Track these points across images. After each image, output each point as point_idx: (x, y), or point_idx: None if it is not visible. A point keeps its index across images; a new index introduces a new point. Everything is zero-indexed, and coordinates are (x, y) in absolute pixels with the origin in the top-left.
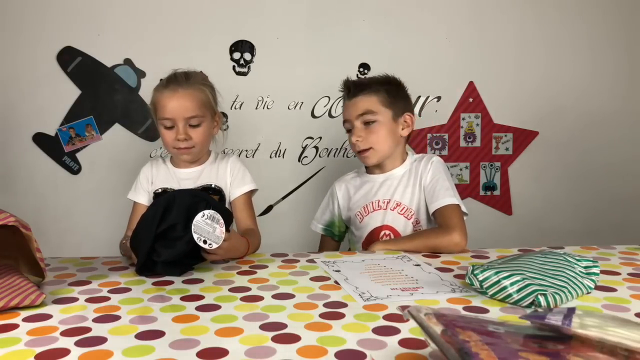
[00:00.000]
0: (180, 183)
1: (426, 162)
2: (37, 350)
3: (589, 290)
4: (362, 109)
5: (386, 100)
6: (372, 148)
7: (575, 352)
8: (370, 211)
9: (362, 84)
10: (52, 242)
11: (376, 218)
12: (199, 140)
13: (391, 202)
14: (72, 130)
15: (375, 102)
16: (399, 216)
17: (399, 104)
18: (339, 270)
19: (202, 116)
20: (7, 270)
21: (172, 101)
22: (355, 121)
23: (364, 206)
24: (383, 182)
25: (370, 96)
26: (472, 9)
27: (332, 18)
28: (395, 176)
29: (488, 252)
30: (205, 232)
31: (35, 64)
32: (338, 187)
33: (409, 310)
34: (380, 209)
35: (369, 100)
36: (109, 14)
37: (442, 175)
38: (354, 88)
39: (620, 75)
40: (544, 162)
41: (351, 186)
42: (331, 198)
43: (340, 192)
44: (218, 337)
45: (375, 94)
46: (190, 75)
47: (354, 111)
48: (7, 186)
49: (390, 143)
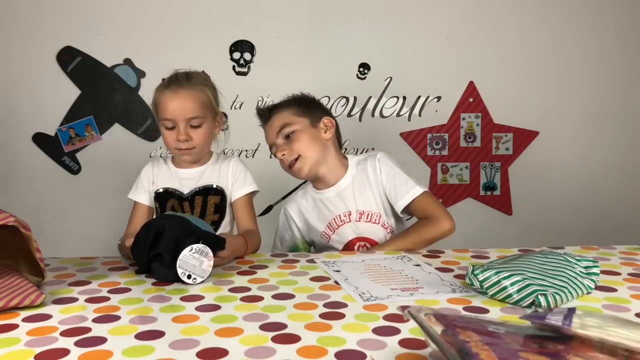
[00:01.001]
0: (182, 183)
1: (373, 161)
2: (37, 350)
3: (589, 291)
4: (279, 126)
5: (299, 111)
6: (300, 156)
7: (575, 352)
8: (335, 228)
9: (274, 106)
10: (52, 242)
11: (345, 233)
12: (199, 141)
13: (354, 214)
14: (72, 130)
15: (289, 114)
16: (367, 224)
17: (314, 111)
18: (339, 270)
19: (203, 117)
20: (7, 270)
21: (173, 102)
22: (277, 139)
23: (327, 225)
24: (336, 195)
25: (282, 112)
26: (472, 9)
27: (332, 18)
28: (345, 186)
29: (488, 252)
30: (191, 266)
31: (35, 64)
32: (291, 210)
33: (409, 310)
34: (344, 223)
35: (282, 116)
36: (109, 14)
37: (396, 169)
38: (267, 112)
39: (620, 75)
40: (544, 162)
41: (303, 207)
42: (287, 223)
43: (295, 215)
44: (218, 337)
45: (286, 108)
46: (192, 76)
47: (272, 131)
48: (7, 186)
49: (317, 148)
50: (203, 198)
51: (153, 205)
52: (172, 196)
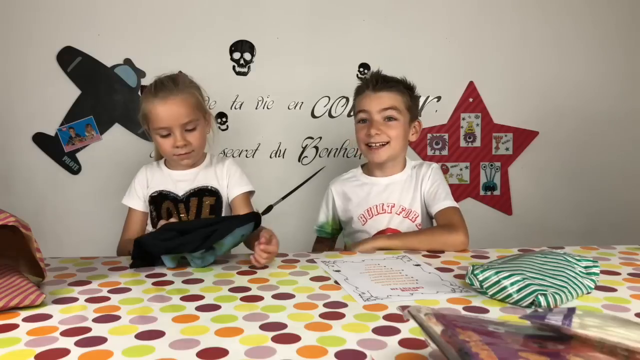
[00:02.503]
0: (176, 185)
1: (426, 168)
2: (37, 350)
3: (589, 290)
4: (388, 104)
5: (407, 103)
6: (389, 143)
7: (575, 352)
8: (374, 214)
9: (391, 80)
10: (52, 242)
11: (381, 221)
12: (197, 144)
13: (396, 207)
14: (72, 130)
15: (401, 101)
16: (405, 220)
17: (414, 110)
18: (339, 270)
19: (196, 119)
20: (7, 270)
21: (165, 110)
22: (377, 114)
23: (367, 209)
24: (387, 186)
25: (396, 95)
26: (472, 9)
27: (332, 18)
28: (398, 181)
29: (488, 252)
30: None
31: (35, 64)
32: (334, 189)
33: (409, 310)
34: (384, 212)
35: (395, 98)
36: (109, 14)
37: (443, 182)
38: (382, 81)
39: (620, 75)
40: (544, 162)
41: (348, 187)
42: (326, 199)
43: (336, 194)
44: (218, 337)
45: (401, 94)
46: (177, 80)
47: (378, 104)
48: (7, 186)
49: (403, 144)
50: (198, 199)
51: (147, 210)
52: (167, 198)
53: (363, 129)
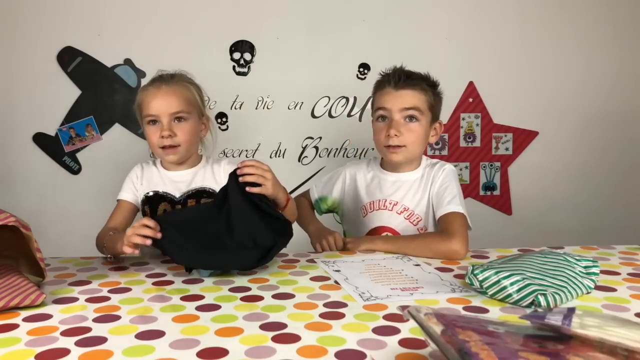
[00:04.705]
0: (172, 186)
1: (438, 169)
2: (37, 350)
3: (589, 290)
4: (410, 104)
5: (430, 102)
6: (405, 147)
7: (575, 352)
8: (375, 208)
9: (415, 78)
10: (52, 242)
11: (380, 217)
12: (184, 138)
13: (399, 206)
14: (72, 130)
15: (423, 101)
16: (405, 221)
17: (437, 110)
18: (339, 270)
19: (187, 112)
20: (7, 270)
21: (157, 98)
22: (397, 113)
23: (370, 202)
24: (394, 183)
25: (419, 93)
26: (472, 9)
27: (332, 18)
28: (406, 180)
29: (488, 252)
30: None
31: (35, 64)
32: (349, 172)
33: (409, 310)
34: (386, 209)
35: (418, 97)
36: (109, 14)
37: (452, 184)
38: (405, 78)
39: (620, 75)
40: (544, 162)
41: (362, 176)
42: (337, 177)
43: (349, 177)
44: (218, 337)
45: (424, 93)
46: (175, 75)
47: (400, 103)
48: (7, 186)
49: (421, 147)
50: (196, 201)
51: (138, 205)
52: (163, 200)
53: (383, 130)
